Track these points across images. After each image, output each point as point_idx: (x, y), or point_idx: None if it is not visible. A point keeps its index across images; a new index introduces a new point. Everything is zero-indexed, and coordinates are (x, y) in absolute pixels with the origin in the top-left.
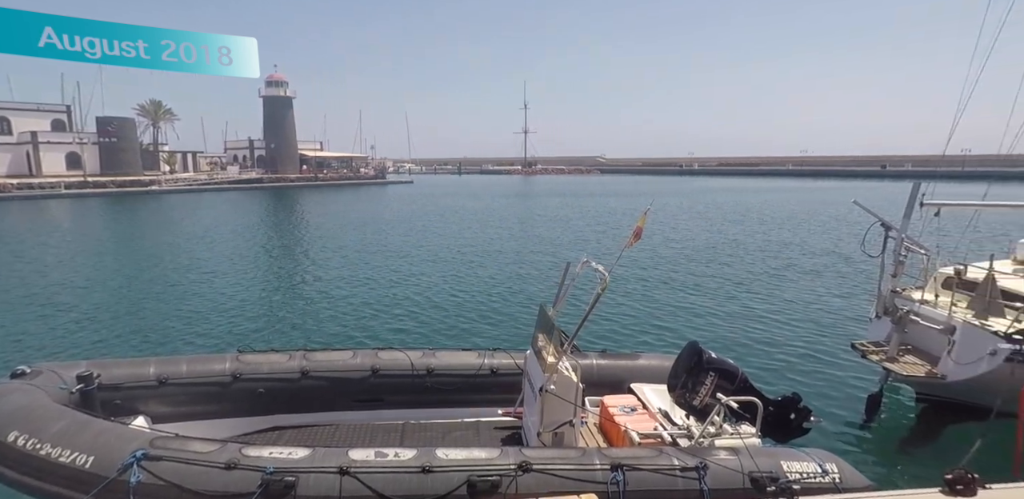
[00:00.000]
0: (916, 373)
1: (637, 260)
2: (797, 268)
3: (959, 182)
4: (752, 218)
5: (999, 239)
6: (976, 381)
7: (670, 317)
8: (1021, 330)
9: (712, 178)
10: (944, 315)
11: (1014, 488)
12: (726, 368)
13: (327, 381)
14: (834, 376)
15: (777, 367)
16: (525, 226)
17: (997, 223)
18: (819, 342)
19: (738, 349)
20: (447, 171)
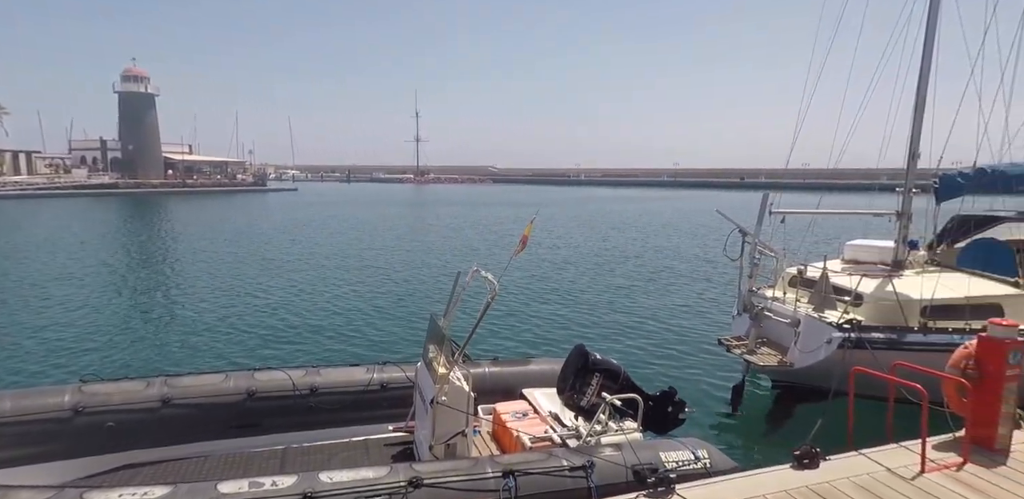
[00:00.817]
0: (770, 363)
1: (526, 268)
2: (671, 272)
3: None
4: (631, 226)
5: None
6: (818, 366)
7: (559, 322)
8: (848, 320)
9: (597, 188)
10: (791, 310)
11: (847, 457)
12: (610, 368)
13: (194, 409)
14: (704, 369)
15: (656, 364)
16: (416, 235)
17: (831, 228)
18: (691, 339)
19: (621, 349)
20: (335, 179)
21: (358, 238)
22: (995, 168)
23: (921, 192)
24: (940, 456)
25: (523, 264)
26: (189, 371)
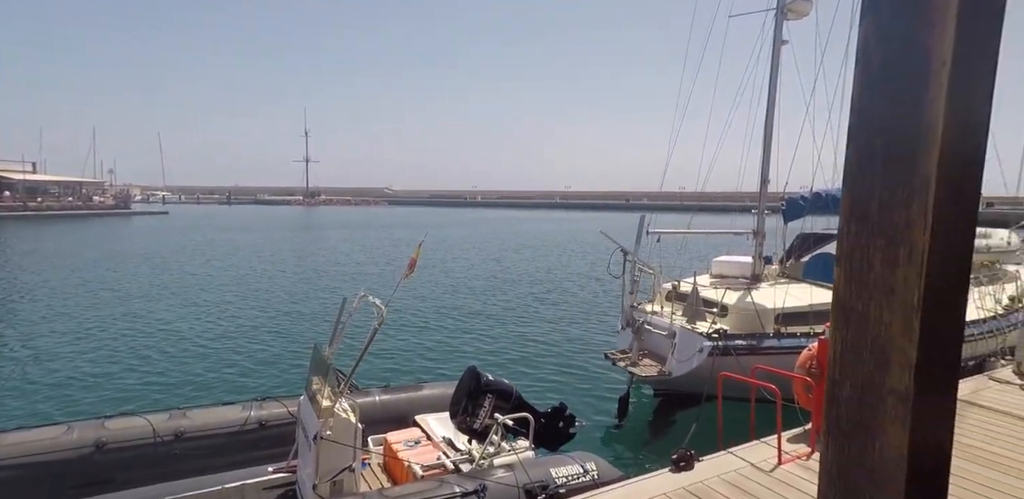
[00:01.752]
0: (651, 373)
1: (420, 291)
2: (561, 291)
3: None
4: (525, 246)
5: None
6: (692, 374)
7: (453, 345)
8: (716, 329)
9: (494, 209)
10: (667, 323)
11: (718, 457)
12: (502, 388)
13: (23, 470)
14: (594, 383)
15: (548, 381)
16: (303, 261)
17: (703, 245)
18: (581, 354)
19: (515, 369)
20: (214, 201)
21: (236, 265)
22: (828, 192)
23: (772, 213)
24: (793, 448)
25: (416, 287)
26: (18, 426)
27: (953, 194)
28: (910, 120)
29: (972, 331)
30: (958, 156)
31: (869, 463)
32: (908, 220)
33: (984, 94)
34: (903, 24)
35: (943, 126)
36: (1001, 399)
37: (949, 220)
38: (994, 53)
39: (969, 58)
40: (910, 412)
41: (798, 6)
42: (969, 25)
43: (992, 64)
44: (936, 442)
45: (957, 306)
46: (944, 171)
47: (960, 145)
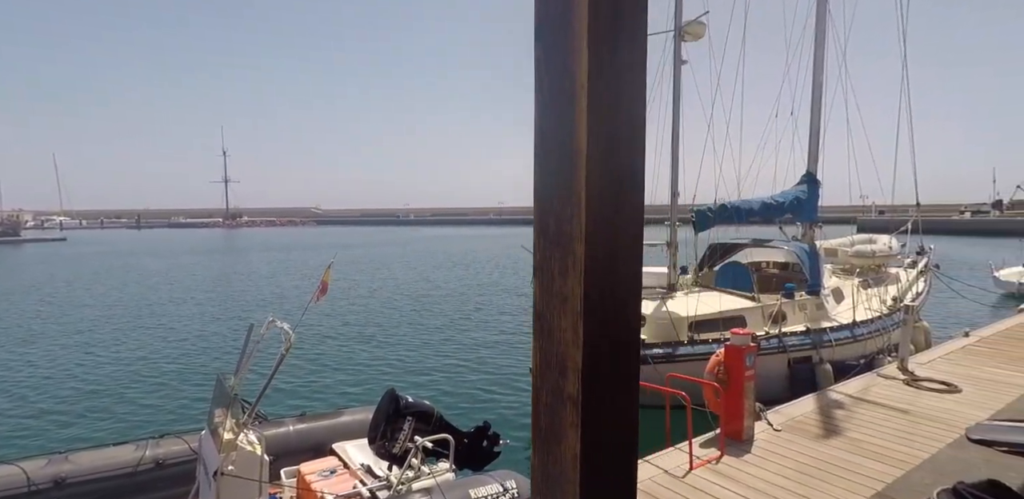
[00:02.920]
0: None
1: (341, 313)
2: (490, 307)
3: None
4: (457, 264)
5: None
6: None
7: (375, 368)
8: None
9: (427, 227)
10: None
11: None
12: (422, 410)
13: None
14: (520, 399)
15: (474, 399)
16: (218, 287)
17: None
18: (507, 370)
19: (440, 389)
20: (121, 225)
21: (139, 294)
22: (733, 203)
23: (684, 224)
24: (704, 452)
25: (339, 310)
26: None
27: (605, 207)
28: (568, 139)
29: (861, 331)
30: (606, 173)
31: (559, 468)
32: (572, 232)
33: (626, 116)
34: (557, 49)
35: (587, 145)
36: (887, 394)
37: (606, 231)
38: (636, 78)
39: (606, 82)
40: (579, 416)
41: (693, 28)
42: (602, 51)
43: (635, 89)
44: (611, 445)
45: (623, 313)
46: (592, 187)
47: (604, 163)
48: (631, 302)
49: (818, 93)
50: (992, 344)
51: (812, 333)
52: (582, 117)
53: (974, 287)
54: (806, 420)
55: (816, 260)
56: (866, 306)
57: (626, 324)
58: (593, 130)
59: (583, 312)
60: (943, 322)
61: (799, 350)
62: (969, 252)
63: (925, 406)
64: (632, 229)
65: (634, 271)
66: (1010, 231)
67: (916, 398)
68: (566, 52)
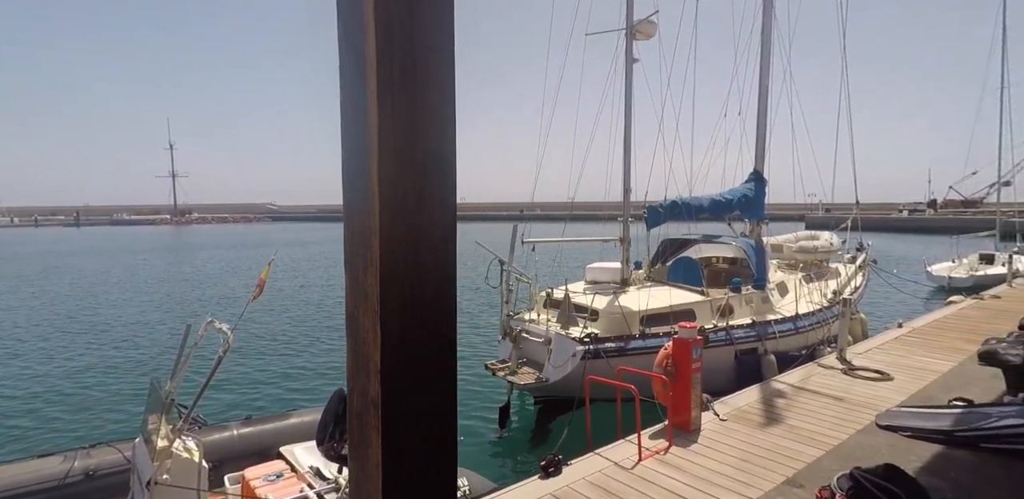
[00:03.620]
0: (529, 381)
1: (290, 312)
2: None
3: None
4: None
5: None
6: (567, 378)
7: (328, 367)
8: (588, 334)
9: None
10: (544, 330)
11: (585, 459)
12: None
13: None
14: (475, 395)
15: None
16: (160, 287)
17: (581, 253)
18: (461, 367)
19: None
20: (57, 222)
21: (72, 297)
22: (683, 200)
23: (637, 220)
24: (653, 443)
25: (289, 309)
26: None
27: (403, 202)
28: (362, 132)
29: (803, 323)
30: (403, 167)
31: (365, 476)
32: (370, 227)
33: (427, 106)
34: (350, 29)
35: (379, 138)
36: (826, 383)
37: (405, 226)
38: (440, 65)
39: (402, 67)
40: (380, 420)
41: (644, 28)
42: (392, 31)
43: (441, 74)
44: (418, 451)
45: (430, 310)
46: (385, 181)
47: (400, 157)
48: (442, 300)
49: (764, 95)
50: (923, 334)
51: (757, 326)
52: (372, 103)
53: (908, 281)
54: (750, 409)
55: (762, 256)
56: (808, 299)
57: (434, 322)
58: (386, 122)
59: (380, 310)
60: (879, 314)
61: (745, 342)
62: (905, 248)
63: (859, 394)
64: (440, 224)
65: (443, 267)
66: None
67: (852, 386)
68: (359, 31)
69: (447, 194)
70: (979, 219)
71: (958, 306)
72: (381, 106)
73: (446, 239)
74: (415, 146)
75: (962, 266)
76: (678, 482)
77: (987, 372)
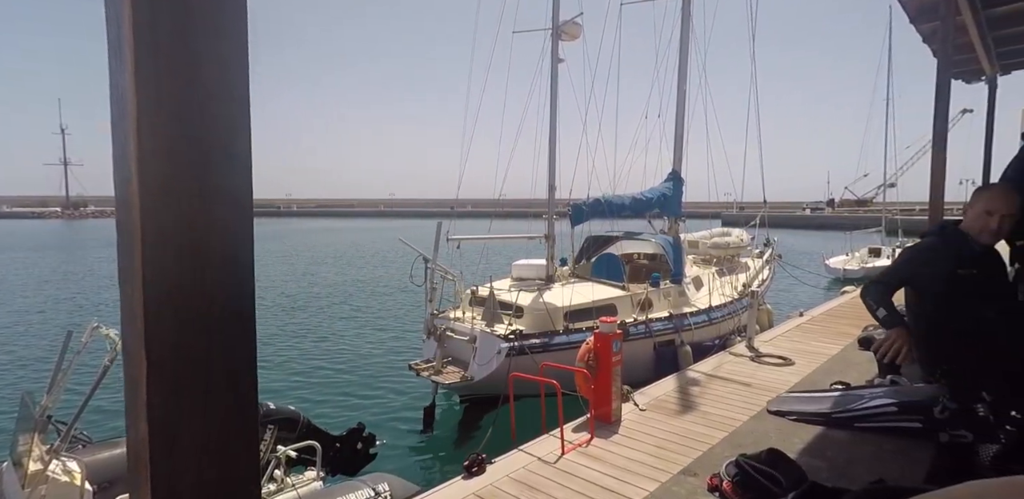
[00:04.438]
0: (454, 380)
1: None
2: (371, 303)
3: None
4: (339, 258)
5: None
6: (492, 376)
7: None
8: (513, 331)
9: (312, 219)
10: (469, 328)
11: (509, 456)
12: (286, 417)
13: None
14: (398, 398)
15: (351, 401)
16: (41, 290)
17: (508, 249)
18: (386, 369)
19: (312, 394)
20: None
21: None
22: (606, 198)
23: (560, 218)
24: (575, 436)
25: None
26: None
27: (162, 184)
28: (123, 107)
29: (716, 314)
30: (161, 150)
31: None
32: (132, 229)
33: (194, 77)
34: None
35: (138, 112)
36: (736, 370)
37: (172, 232)
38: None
39: (156, 69)
40: (149, 463)
41: (570, 29)
42: None
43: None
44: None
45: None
46: (145, 167)
47: (161, 137)
48: (236, 320)
49: (682, 99)
50: (820, 322)
51: (675, 318)
52: (130, 82)
53: (810, 273)
54: (668, 399)
55: (679, 252)
56: (721, 292)
57: (220, 343)
58: (147, 106)
59: (145, 330)
60: (784, 304)
61: (663, 334)
62: (806, 243)
63: (765, 378)
64: (231, 226)
65: (235, 279)
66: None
67: (758, 371)
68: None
69: (239, 192)
70: (869, 217)
71: (850, 295)
72: (140, 86)
73: (237, 241)
74: (185, 122)
75: (855, 259)
76: (598, 472)
77: (864, 356)
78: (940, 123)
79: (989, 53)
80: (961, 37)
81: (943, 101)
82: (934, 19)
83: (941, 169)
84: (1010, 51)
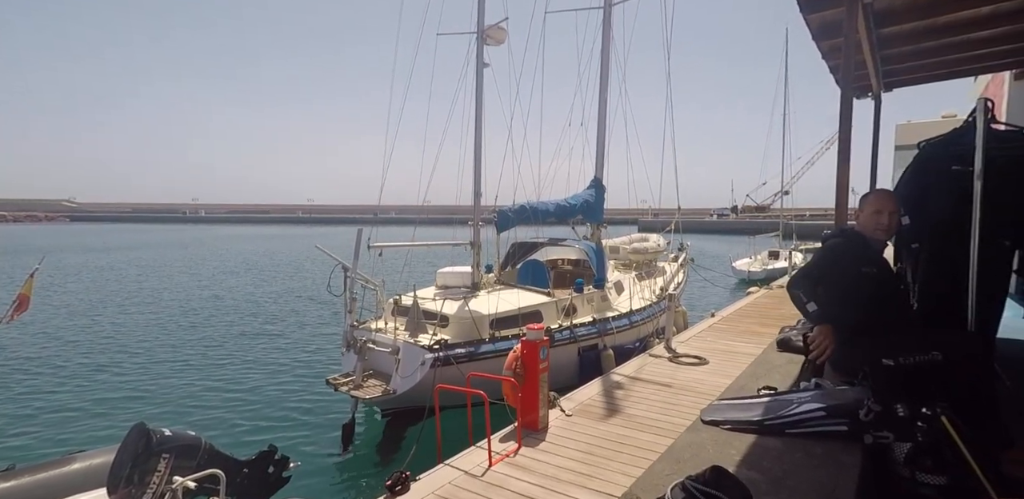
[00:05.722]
0: (375, 394)
1: (83, 335)
2: (284, 316)
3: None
4: (251, 268)
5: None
6: (416, 388)
7: (136, 398)
8: (437, 341)
9: (222, 225)
10: (391, 339)
11: (434, 472)
12: (184, 443)
13: None
14: (315, 415)
15: (261, 422)
16: None
17: (432, 257)
18: (300, 386)
19: (215, 417)
20: None
21: None
22: (531, 204)
23: (486, 224)
24: (503, 447)
25: (82, 330)
26: None
27: None
28: None
29: (636, 318)
30: None
31: None
32: None
33: None
34: None
35: None
36: (656, 371)
37: None
38: None
39: None
40: None
41: (495, 33)
42: None
43: None
44: None
45: None
46: None
47: None
48: None
49: (603, 107)
50: (730, 322)
51: (598, 323)
52: None
53: (719, 275)
54: (593, 403)
55: (602, 257)
56: (640, 296)
57: None
58: None
59: None
60: (697, 306)
61: (587, 339)
62: (715, 247)
63: (683, 378)
64: None
65: None
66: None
67: (676, 372)
68: None
69: None
70: (768, 222)
71: (755, 296)
72: None
73: None
74: None
75: (757, 261)
76: (527, 484)
77: (784, 358)
78: (844, 135)
79: (877, 71)
80: (857, 55)
81: (846, 115)
82: (837, 36)
83: (845, 177)
84: (892, 69)
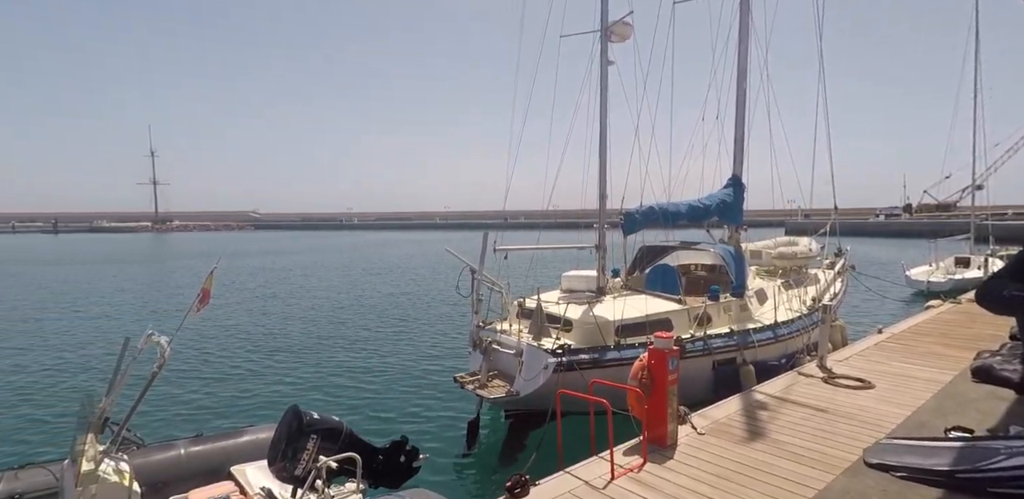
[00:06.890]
0: (499, 394)
1: (253, 326)
2: (420, 315)
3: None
4: (392, 270)
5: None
6: (539, 391)
7: (289, 382)
8: (561, 345)
9: (371, 232)
10: (515, 341)
11: (554, 478)
12: (329, 427)
13: None
14: (443, 410)
15: (394, 413)
16: (124, 297)
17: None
18: (431, 381)
19: (355, 404)
20: (35, 229)
21: (20, 308)
22: (660, 206)
23: (612, 227)
24: (627, 460)
25: (253, 321)
26: None
27: None
28: None
29: (782, 331)
30: None
31: None
32: None
33: None
34: None
35: None
36: (807, 392)
37: None
38: None
39: None
40: None
41: (620, 29)
42: None
43: None
44: None
45: None
46: None
47: None
48: None
49: (742, 99)
50: (902, 340)
51: (736, 334)
52: None
53: (887, 283)
54: (730, 422)
55: (741, 262)
56: (787, 307)
57: None
58: None
59: None
60: (859, 320)
61: (724, 352)
62: (882, 252)
63: (842, 404)
64: None
65: None
66: (918, 232)
67: (834, 395)
68: None
69: None
70: (953, 222)
71: (936, 310)
72: None
73: None
74: None
75: (940, 270)
76: None
77: (983, 391)
78: None
79: None
80: None
81: None
82: None
83: None
84: None
